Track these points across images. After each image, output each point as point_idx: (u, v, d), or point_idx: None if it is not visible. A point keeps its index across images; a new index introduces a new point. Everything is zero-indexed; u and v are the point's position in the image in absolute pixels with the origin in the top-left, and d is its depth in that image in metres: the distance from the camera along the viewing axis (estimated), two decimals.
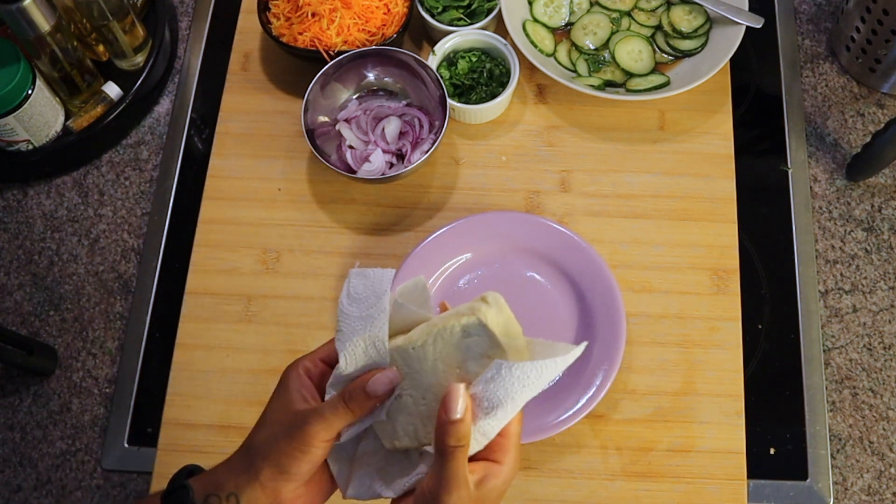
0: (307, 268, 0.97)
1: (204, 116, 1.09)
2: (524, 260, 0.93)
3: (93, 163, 1.08)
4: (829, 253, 1.00)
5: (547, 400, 0.87)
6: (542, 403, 0.87)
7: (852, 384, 0.94)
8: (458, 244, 0.94)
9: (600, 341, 0.88)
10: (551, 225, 0.93)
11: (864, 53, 1.04)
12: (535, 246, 0.93)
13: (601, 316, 0.89)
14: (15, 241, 1.05)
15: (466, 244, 0.94)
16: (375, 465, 0.62)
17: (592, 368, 0.87)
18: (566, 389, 0.87)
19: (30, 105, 1.00)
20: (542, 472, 0.88)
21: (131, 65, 1.11)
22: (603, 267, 0.90)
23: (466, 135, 1.04)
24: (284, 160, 1.03)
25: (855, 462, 0.91)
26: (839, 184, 1.03)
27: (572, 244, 0.92)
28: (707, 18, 1.06)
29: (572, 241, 0.92)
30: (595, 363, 0.87)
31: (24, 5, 0.94)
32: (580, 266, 0.91)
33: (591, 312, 0.90)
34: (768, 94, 1.08)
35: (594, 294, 0.90)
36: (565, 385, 0.87)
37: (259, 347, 0.94)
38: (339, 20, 1.00)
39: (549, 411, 0.86)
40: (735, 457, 0.88)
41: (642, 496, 0.86)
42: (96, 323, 1.00)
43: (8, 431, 0.96)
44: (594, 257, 0.91)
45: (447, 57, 1.05)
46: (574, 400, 0.86)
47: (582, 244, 0.92)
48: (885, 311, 0.97)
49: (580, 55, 1.06)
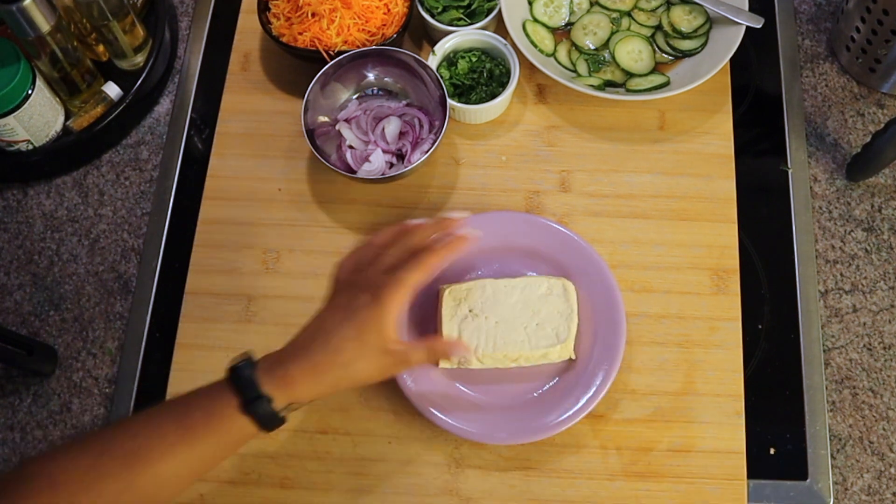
0: (307, 268, 0.97)
1: (204, 116, 1.09)
2: (523, 260, 0.93)
3: (93, 163, 1.08)
4: (829, 253, 1.00)
5: (547, 400, 0.87)
6: (542, 403, 0.87)
7: (852, 384, 0.94)
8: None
9: (600, 341, 0.88)
10: (551, 225, 0.93)
11: (864, 53, 1.04)
12: (535, 245, 0.93)
13: (601, 316, 0.89)
14: (15, 241, 1.05)
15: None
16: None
17: (593, 368, 0.87)
18: (566, 389, 0.87)
19: (30, 105, 1.00)
20: (542, 472, 0.88)
21: (131, 65, 1.11)
22: (603, 267, 0.90)
23: (466, 135, 1.04)
24: (284, 160, 1.03)
25: (855, 462, 0.91)
26: (839, 184, 1.04)
27: (572, 244, 0.92)
28: (707, 18, 1.06)
29: (572, 241, 0.92)
30: (595, 363, 0.87)
31: (24, 5, 0.94)
32: (580, 266, 0.91)
33: (591, 312, 0.90)
34: (768, 94, 1.08)
35: (594, 294, 0.90)
36: (566, 385, 0.87)
37: (259, 347, 0.93)
38: (339, 20, 1.00)
39: (549, 411, 0.86)
40: (735, 457, 0.88)
41: (642, 496, 0.86)
42: (96, 323, 1.00)
43: (8, 431, 0.96)
44: (594, 257, 0.91)
45: (447, 57, 1.05)
46: (574, 400, 0.85)
47: (582, 244, 0.92)
48: (885, 311, 0.97)
49: (580, 55, 1.06)
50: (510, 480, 0.87)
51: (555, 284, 0.87)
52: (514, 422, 0.85)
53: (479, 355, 0.84)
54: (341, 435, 0.89)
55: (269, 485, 0.88)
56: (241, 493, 0.88)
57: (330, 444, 0.89)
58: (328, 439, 0.89)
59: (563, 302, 0.86)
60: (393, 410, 0.90)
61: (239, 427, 0.70)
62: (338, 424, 0.90)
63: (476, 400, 0.88)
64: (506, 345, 0.85)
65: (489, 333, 0.85)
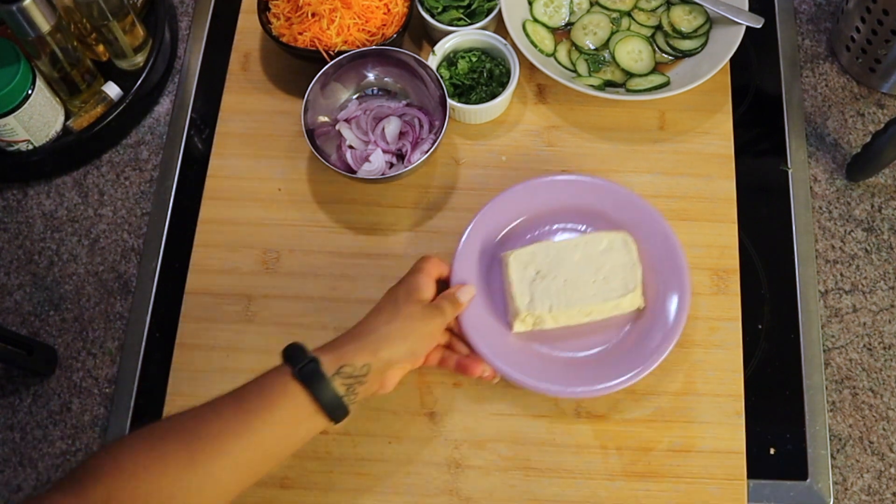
0: (307, 268, 0.97)
1: (204, 116, 1.09)
2: (578, 219, 0.95)
3: (93, 163, 1.08)
4: (829, 253, 1.00)
5: (625, 347, 0.88)
6: (620, 352, 0.88)
7: (852, 384, 0.94)
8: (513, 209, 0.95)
9: (666, 285, 0.89)
10: (601, 183, 0.94)
11: (864, 53, 1.04)
12: (588, 204, 0.94)
13: (662, 264, 0.90)
14: (15, 241, 1.05)
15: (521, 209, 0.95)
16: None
17: (664, 308, 0.88)
18: (643, 333, 0.88)
19: (30, 105, 1.00)
20: (542, 472, 0.88)
21: (131, 65, 1.11)
22: (657, 216, 0.91)
23: (466, 135, 1.04)
24: (284, 160, 1.03)
25: (855, 462, 0.91)
26: (839, 184, 1.04)
27: (624, 198, 0.93)
28: (707, 18, 1.06)
29: (624, 195, 0.93)
30: (665, 304, 0.88)
31: (24, 5, 0.94)
32: (634, 218, 0.92)
33: (652, 261, 0.91)
34: (768, 94, 1.08)
35: (652, 244, 0.91)
36: (640, 330, 0.89)
37: (259, 347, 0.94)
38: (339, 20, 1.00)
39: (628, 359, 0.87)
40: (735, 457, 0.88)
41: (642, 496, 0.86)
42: (96, 323, 1.00)
43: (8, 431, 0.96)
44: (647, 208, 0.92)
45: (447, 57, 1.05)
46: (654, 341, 0.87)
47: (633, 197, 0.93)
48: (885, 311, 0.97)
49: (580, 55, 1.06)
50: (510, 480, 0.87)
51: (614, 238, 0.90)
52: (598, 373, 0.87)
53: (554, 314, 0.87)
54: (341, 435, 0.89)
55: (269, 485, 0.88)
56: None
57: (330, 444, 0.89)
58: (328, 439, 0.89)
59: (625, 254, 0.89)
60: (393, 410, 0.90)
61: (293, 398, 0.72)
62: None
63: (556, 357, 0.89)
64: (578, 300, 0.87)
65: (560, 292, 0.87)
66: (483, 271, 0.91)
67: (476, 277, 0.90)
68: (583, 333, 0.90)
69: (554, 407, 0.90)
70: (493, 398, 0.90)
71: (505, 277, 0.90)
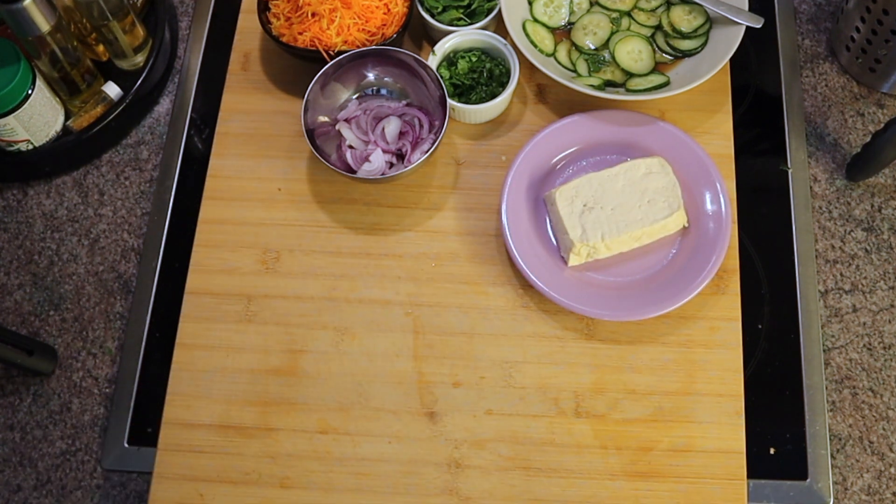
0: (307, 268, 0.97)
1: (204, 116, 1.09)
2: (612, 151, 1.00)
3: (93, 163, 1.08)
4: (829, 253, 1.00)
5: (677, 265, 0.93)
6: (673, 270, 0.93)
7: (852, 384, 0.94)
8: (565, 140, 1.00)
9: (705, 203, 0.95)
10: (630, 114, 0.99)
11: (864, 53, 1.04)
12: (620, 137, 0.99)
13: (699, 184, 0.95)
14: (15, 241, 1.05)
15: (573, 140, 1.00)
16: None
17: (708, 226, 0.94)
18: (693, 250, 0.93)
19: (30, 105, 1.00)
20: (542, 472, 0.88)
21: (131, 65, 1.11)
22: (688, 140, 0.97)
23: (466, 135, 1.04)
24: (284, 160, 1.03)
25: (855, 462, 0.91)
26: (839, 184, 1.04)
27: (654, 126, 0.99)
28: (707, 18, 1.06)
29: (653, 123, 0.99)
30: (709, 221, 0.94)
31: (24, 5, 0.94)
32: (666, 143, 0.98)
33: (689, 183, 0.96)
34: (768, 94, 1.08)
35: (686, 166, 0.96)
36: (688, 248, 0.94)
37: (259, 347, 0.94)
38: (339, 20, 1.00)
39: (682, 276, 0.91)
40: (735, 457, 0.88)
41: (642, 496, 0.87)
42: (96, 323, 1.00)
43: (8, 431, 0.96)
44: (678, 133, 0.98)
45: (447, 57, 1.05)
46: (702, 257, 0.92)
47: (661, 123, 0.99)
48: (885, 311, 0.97)
49: (580, 55, 1.06)
50: (510, 480, 0.87)
51: (651, 163, 0.94)
52: (656, 292, 0.91)
53: (607, 242, 0.91)
54: (341, 435, 0.89)
55: (269, 485, 0.88)
56: (241, 493, 0.88)
57: (330, 444, 0.89)
58: (328, 439, 0.89)
59: (664, 177, 0.94)
60: (393, 410, 0.90)
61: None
62: (338, 424, 0.90)
63: (612, 284, 0.93)
64: (627, 226, 0.92)
65: (609, 220, 0.92)
66: (530, 215, 0.96)
67: (526, 220, 0.95)
68: (633, 257, 0.94)
69: (554, 407, 0.90)
70: (494, 398, 0.90)
71: (553, 215, 0.94)
